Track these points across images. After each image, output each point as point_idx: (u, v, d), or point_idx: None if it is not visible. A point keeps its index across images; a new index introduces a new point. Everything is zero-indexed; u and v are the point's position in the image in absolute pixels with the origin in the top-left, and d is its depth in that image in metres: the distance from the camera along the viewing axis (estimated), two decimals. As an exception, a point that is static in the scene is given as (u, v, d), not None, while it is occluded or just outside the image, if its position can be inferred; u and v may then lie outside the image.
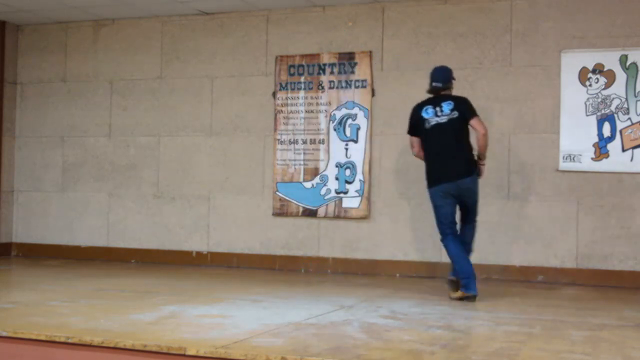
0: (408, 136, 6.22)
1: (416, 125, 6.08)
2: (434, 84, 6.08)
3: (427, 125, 5.98)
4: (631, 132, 6.86)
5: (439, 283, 6.81)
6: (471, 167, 5.97)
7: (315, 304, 5.40)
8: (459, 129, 5.96)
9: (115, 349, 3.88)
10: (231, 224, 8.11)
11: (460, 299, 5.79)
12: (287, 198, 7.88)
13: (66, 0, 7.94)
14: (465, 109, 5.97)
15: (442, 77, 6.08)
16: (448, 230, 5.96)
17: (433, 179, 5.97)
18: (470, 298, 5.76)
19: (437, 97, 6.06)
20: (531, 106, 7.17)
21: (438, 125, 5.94)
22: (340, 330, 4.42)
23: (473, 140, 6.01)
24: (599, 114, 6.95)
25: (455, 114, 5.94)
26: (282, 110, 7.95)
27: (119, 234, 8.55)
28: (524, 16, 7.24)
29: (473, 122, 5.95)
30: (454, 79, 6.17)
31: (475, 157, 6.02)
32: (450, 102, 5.98)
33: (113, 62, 8.66)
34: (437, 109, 5.97)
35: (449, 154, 5.93)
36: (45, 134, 8.91)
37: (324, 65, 7.82)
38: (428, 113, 6.00)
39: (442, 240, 6.02)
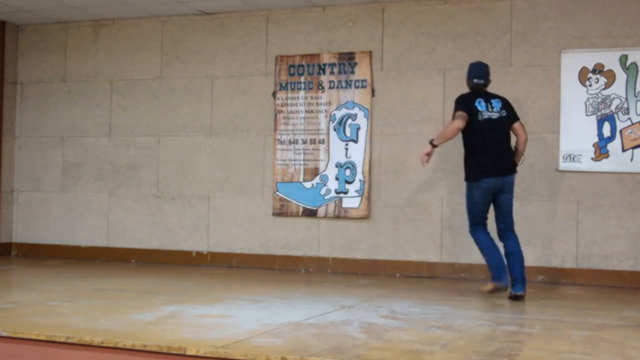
0: (459, 113, 5.91)
1: (469, 109, 5.93)
2: (475, 80, 6.09)
3: (480, 117, 5.92)
4: (631, 132, 6.86)
5: (439, 283, 6.81)
6: (515, 166, 6.04)
7: (315, 304, 5.40)
8: (506, 127, 6.02)
9: (115, 349, 3.88)
10: (231, 224, 8.11)
11: (492, 291, 5.81)
12: (287, 198, 7.88)
13: (66, 0, 7.94)
14: (511, 110, 6.07)
15: (483, 74, 6.12)
16: (480, 223, 5.96)
17: (479, 173, 5.90)
18: (502, 289, 5.78)
19: (481, 92, 6.05)
20: (531, 106, 7.17)
21: (490, 119, 5.94)
22: (340, 330, 4.42)
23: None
24: (599, 114, 6.95)
25: (504, 112, 6.00)
26: (282, 110, 7.95)
27: (119, 234, 8.54)
28: (524, 16, 7.24)
29: (518, 125, 6.04)
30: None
31: None
32: (498, 100, 6.05)
33: (113, 62, 8.66)
34: (488, 104, 5.98)
35: (499, 150, 5.94)
36: (45, 134, 8.91)
37: (324, 65, 7.82)
38: (482, 106, 5.96)
39: (472, 231, 6.00)
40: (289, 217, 7.89)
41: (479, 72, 6.10)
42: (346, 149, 7.70)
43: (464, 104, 5.97)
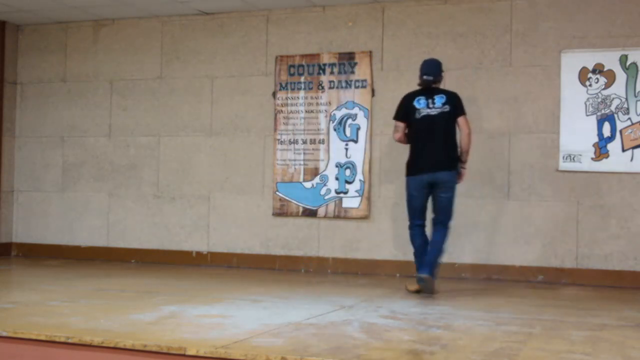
0: (393, 121, 6.34)
1: (406, 112, 6.17)
2: (424, 77, 6.18)
3: (417, 115, 6.08)
4: (631, 132, 6.86)
5: (439, 283, 6.80)
6: (453, 162, 6.08)
7: (315, 304, 5.40)
8: (448, 123, 6.08)
9: (115, 349, 3.88)
10: (231, 224, 8.11)
11: (417, 291, 6.04)
12: (287, 198, 7.88)
13: (66, 0, 7.94)
14: (456, 105, 6.10)
15: (433, 70, 6.19)
16: (417, 221, 6.14)
17: (414, 169, 6.10)
18: (421, 281, 5.92)
19: (428, 89, 6.15)
20: (531, 106, 7.17)
21: (428, 116, 6.05)
22: (340, 330, 4.42)
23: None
24: (599, 114, 6.95)
25: (447, 108, 6.07)
26: (282, 110, 7.95)
27: (119, 234, 8.54)
28: (524, 16, 7.24)
29: (461, 119, 6.09)
30: (443, 71, 6.29)
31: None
32: (443, 95, 6.11)
33: (113, 62, 8.66)
34: (430, 100, 6.09)
35: (434, 146, 6.03)
36: (45, 134, 8.91)
37: (324, 65, 7.82)
38: (420, 103, 6.10)
39: (410, 229, 6.20)
40: (289, 217, 7.89)
41: (428, 69, 6.18)
42: (346, 149, 7.70)
43: (400, 108, 6.24)
